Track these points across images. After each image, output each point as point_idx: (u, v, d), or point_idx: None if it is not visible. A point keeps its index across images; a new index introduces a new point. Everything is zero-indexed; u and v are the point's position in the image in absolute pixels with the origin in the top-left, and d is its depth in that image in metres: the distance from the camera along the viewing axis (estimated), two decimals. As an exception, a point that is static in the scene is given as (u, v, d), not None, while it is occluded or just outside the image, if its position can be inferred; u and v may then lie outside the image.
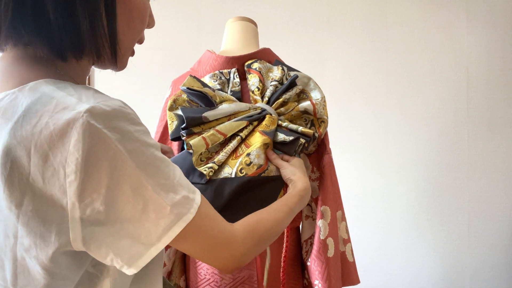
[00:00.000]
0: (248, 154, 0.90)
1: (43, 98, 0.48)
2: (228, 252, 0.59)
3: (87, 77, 0.68)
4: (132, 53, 0.66)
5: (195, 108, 0.96)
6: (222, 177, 0.89)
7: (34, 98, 0.49)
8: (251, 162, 0.89)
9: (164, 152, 0.95)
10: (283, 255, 0.99)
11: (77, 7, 0.52)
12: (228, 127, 0.93)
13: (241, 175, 0.88)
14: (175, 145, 1.10)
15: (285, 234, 1.00)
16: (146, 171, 0.50)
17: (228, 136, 0.93)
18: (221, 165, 0.92)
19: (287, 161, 0.93)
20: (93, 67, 0.64)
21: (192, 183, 0.90)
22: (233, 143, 0.93)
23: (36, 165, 0.46)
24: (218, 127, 0.93)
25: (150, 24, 0.66)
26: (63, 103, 0.48)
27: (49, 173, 0.46)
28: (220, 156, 0.91)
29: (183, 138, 0.93)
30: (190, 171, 0.90)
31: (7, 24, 0.52)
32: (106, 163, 0.47)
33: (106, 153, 0.47)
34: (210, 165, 0.90)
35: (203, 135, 0.91)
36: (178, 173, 0.55)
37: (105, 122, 0.47)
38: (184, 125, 0.93)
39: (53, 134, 0.46)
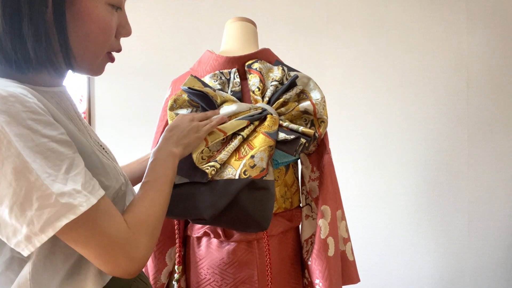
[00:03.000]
0: (252, 156, 0.90)
1: None
2: (128, 254, 0.57)
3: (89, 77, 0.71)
4: (112, 60, 0.69)
5: None
6: (226, 178, 0.90)
7: None
8: (255, 165, 0.89)
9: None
10: (267, 265, 0.99)
11: (23, 30, 0.56)
12: (228, 125, 0.93)
13: (245, 177, 0.88)
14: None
15: (265, 244, 1.00)
16: (32, 157, 0.50)
17: (228, 134, 0.93)
18: (224, 165, 0.92)
19: None
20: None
21: (194, 182, 0.90)
22: (235, 142, 0.93)
23: None
24: (218, 126, 0.93)
25: (123, 33, 0.68)
26: None
27: None
28: (222, 155, 0.92)
29: None
30: (191, 171, 0.90)
31: None
32: None
33: None
34: (212, 163, 0.90)
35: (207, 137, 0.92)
36: (75, 171, 0.54)
37: None
38: None
39: None
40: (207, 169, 0.89)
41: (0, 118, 0.49)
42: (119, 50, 0.69)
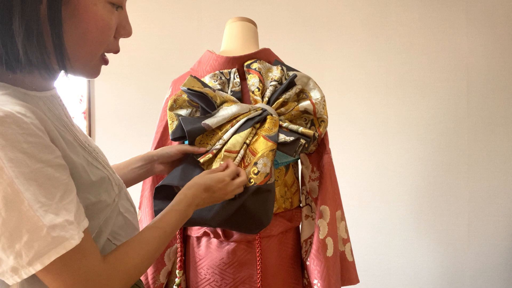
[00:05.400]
0: (256, 163, 0.91)
1: None
2: None
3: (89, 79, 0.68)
4: (105, 62, 0.65)
5: (193, 118, 0.97)
6: None
7: None
8: (259, 171, 0.90)
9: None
10: (258, 267, 0.99)
11: (13, 28, 0.52)
12: (237, 142, 0.93)
13: (250, 184, 0.89)
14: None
15: (257, 245, 1.00)
16: (25, 184, 0.47)
17: (239, 150, 0.93)
18: None
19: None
20: None
21: None
22: (241, 153, 0.93)
23: None
24: (226, 147, 0.93)
25: (123, 34, 0.65)
26: None
27: None
28: None
29: (199, 159, 0.93)
30: None
31: None
32: None
33: None
34: None
35: (220, 162, 0.91)
36: (69, 198, 0.52)
37: None
38: (187, 139, 0.94)
39: None
40: None
41: None
42: (117, 51, 0.65)
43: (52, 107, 0.61)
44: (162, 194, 0.92)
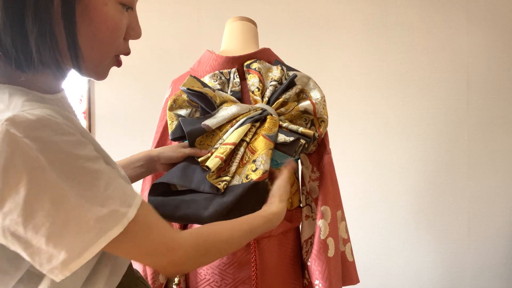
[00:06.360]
0: (254, 161, 0.90)
1: None
2: (168, 258, 0.58)
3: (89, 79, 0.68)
4: (119, 64, 0.65)
5: (193, 119, 0.97)
6: (230, 185, 0.90)
7: None
8: (257, 168, 0.89)
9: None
10: (253, 268, 0.99)
11: (26, 26, 0.52)
12: (233, 136, 0.92)
13: (247, 181, 0.89)
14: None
15: (252, 247, 1.00)
16: (69, 182, 0.49)
17: (236, 143, 0.93)
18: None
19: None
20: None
21: (204, 192, 0.89)
22: (241, 150, 0.92)
23: None
24: (225, 140, 0.93)
25: (133, 35, 0.64)
26: None
27: None
28: (232, 167, 0.91)
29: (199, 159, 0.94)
30: (201, 183, 0.90)
31: None
32: (24, 172, 0.47)
33: (25, 163, 0.47)
34: (224, 178, 0.90)
35: (216, 153, 0.91)
36: (113, 184, 0.53)
37: (27, 131, 0.47)
38: (187, 140, 0.93)
39: None
40: (219, 184, 0.88)
41: (33, 145, 0.47)
42: (127, 53, 0.65)
43: (64, 109, 0.61)
44: (158, 191, 0.92)
